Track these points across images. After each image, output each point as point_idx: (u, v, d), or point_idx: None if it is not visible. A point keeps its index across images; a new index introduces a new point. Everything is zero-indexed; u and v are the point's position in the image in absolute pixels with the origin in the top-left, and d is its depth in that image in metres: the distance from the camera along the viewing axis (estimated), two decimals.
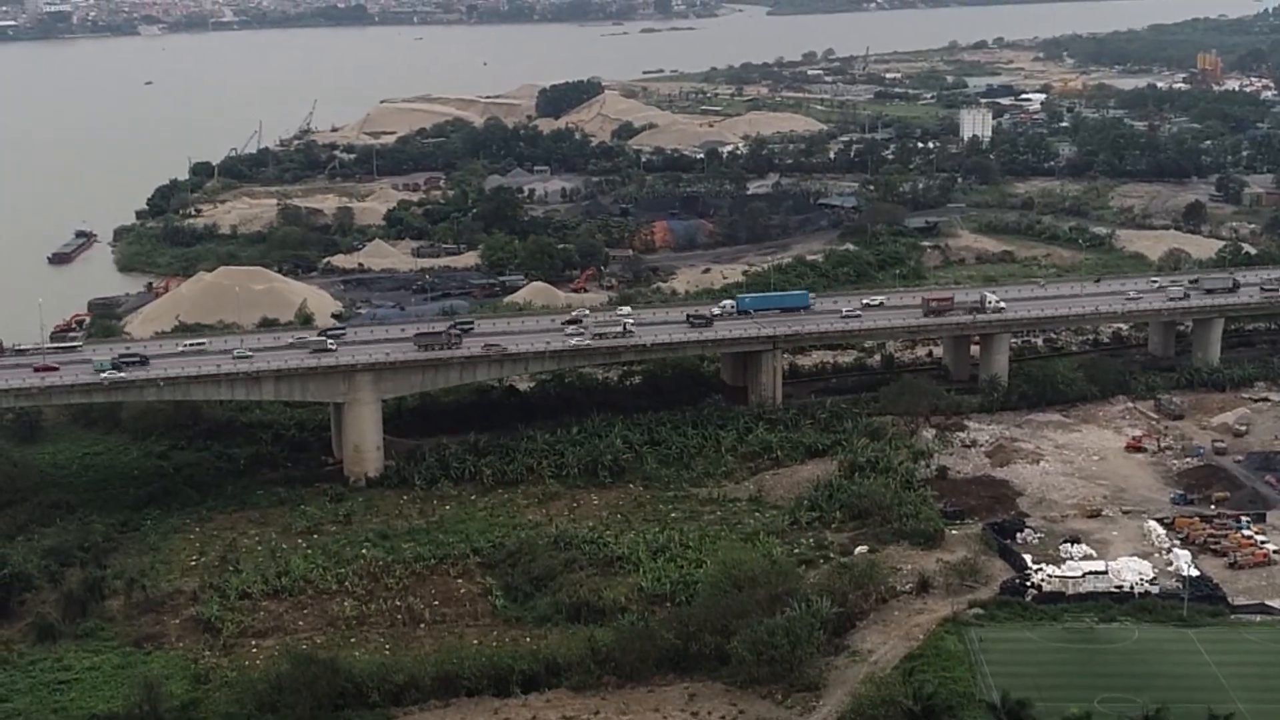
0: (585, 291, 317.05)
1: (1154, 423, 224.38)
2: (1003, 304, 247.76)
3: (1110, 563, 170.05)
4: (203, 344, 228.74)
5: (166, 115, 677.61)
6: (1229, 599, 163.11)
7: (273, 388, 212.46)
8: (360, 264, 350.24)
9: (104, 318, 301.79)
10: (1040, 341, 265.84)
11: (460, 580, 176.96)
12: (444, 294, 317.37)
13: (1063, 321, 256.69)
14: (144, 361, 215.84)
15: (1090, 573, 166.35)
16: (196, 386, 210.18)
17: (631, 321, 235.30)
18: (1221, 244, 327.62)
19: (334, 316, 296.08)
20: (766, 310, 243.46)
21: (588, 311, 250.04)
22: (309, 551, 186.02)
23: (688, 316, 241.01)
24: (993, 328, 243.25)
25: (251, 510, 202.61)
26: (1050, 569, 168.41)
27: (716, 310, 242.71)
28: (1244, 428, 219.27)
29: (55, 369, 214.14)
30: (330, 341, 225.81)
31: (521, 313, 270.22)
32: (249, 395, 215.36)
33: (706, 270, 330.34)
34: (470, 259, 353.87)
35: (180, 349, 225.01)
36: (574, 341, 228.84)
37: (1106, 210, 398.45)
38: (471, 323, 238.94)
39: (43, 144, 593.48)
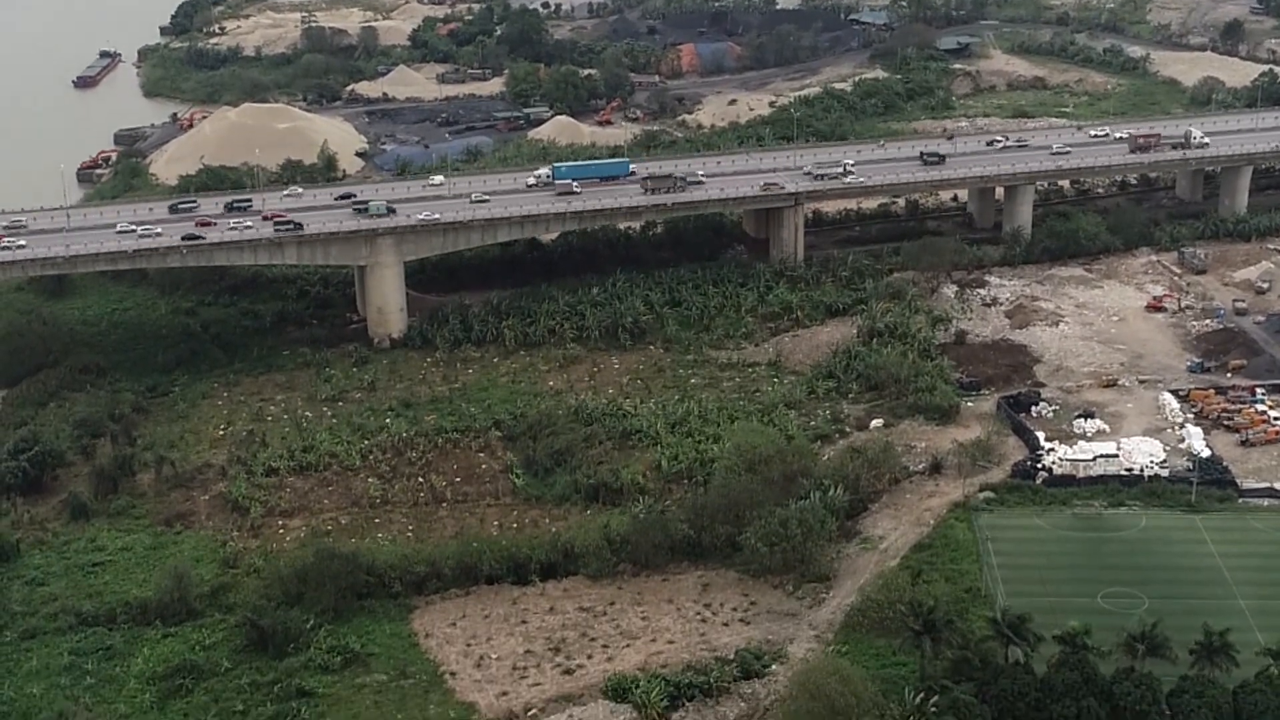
0: (610, 124, 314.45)
1: (1176, 278, 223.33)
2: (1207, 139, 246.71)
3: (1122, 441, 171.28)
4: (441, 182, 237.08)
5: None
6: (1238, 481, 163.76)
7: (295, 252, 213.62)
8: (384, 93, 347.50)
9: (129, 155, 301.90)
10: (1067, 183, 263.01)
11: (482, 455, 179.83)
12: (468, 127, 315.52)
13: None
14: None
15: (1101, 455, 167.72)
16: (220, 252, 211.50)
17: (851, 163, 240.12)
18: (1259, 71, 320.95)
19: (358, 155, 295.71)
20: (586, 179, 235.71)
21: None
22: (334, 422, 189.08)
23: (920, 154, 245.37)
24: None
25: (278, 374, 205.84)
26: (1062, 450, 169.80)
27: (532, 180, 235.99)
28: (1266, 285, 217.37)
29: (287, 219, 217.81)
30: (575, 184, 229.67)
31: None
32: (272, 260, 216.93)
33: (733, 101, 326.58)
34: (496, 85, 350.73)
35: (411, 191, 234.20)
36: (811, 184, 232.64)
37: (1144, 26, 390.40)
38: (249, 201, 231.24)
39: None
